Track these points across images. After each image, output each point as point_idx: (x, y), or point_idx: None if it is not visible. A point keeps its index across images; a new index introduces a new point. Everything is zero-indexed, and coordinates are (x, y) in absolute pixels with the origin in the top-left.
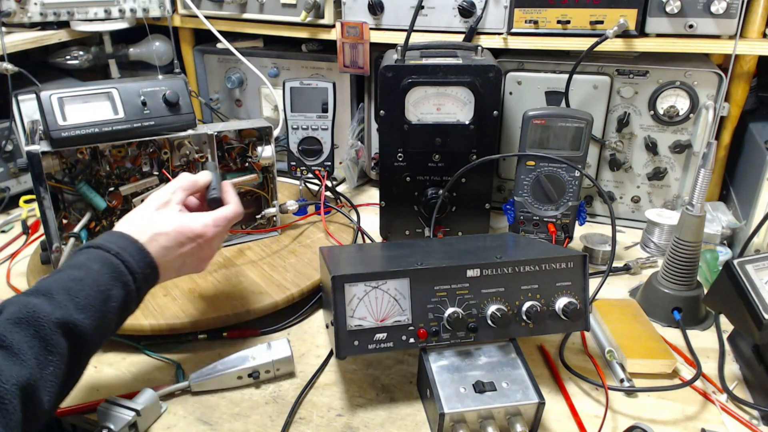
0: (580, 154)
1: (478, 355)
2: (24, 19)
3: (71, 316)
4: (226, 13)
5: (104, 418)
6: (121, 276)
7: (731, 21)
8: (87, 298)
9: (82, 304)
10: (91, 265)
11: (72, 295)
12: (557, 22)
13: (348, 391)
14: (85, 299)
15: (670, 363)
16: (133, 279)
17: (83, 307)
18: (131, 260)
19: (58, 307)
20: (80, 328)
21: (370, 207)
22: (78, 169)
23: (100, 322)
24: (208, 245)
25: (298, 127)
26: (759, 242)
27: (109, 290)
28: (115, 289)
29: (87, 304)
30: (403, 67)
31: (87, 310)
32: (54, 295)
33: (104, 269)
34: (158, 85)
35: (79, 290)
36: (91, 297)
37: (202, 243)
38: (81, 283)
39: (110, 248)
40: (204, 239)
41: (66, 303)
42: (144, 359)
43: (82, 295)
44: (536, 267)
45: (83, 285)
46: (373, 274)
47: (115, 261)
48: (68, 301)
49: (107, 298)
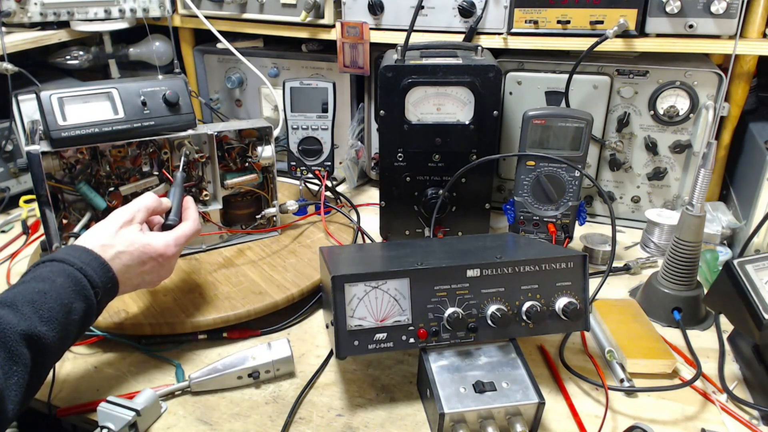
0: (580, 154)
1: (478, 355)
2: (24, 19)
3: (36, 328)
4: (226, 13)
5: (104, 418)
6: (83, 290)
7: (731, 21)
8: (50, 311)
9: (46, 316)
10: (55, 278)
11: (36, 307)
12: (557, 22)
13: (348, 391)
14: (49, 312)
15: (670, 363)
16: (95, 293)
17: (47, 320)
18: (94, 275)
19: (23, 319)
20: (44, 340)
21: (370, 207)
22: (78, 169)
23: (62, 334)
24: (167, 263)
25: (298, 127)
26: (759, 242)
27: (72, 303)
28: (77, 303)
29: (51, 316)
30: (403, 67)
31: (50, 323)
32: (19, 307)
33: (67, 283)
34: (158, 85)
35: (44, 303)
36: (55, 310)
37: (162, 261)
38: (45, 296)
39: (74, 263)
40: (164, 258)
41: (30, 315)
42: (144, 359)
43: (46, 308)
44: (536, 267)
45: (47, 298)
46: (373, 274)
47: (78, 275)
48: (33, 313)
49: (69, 311)
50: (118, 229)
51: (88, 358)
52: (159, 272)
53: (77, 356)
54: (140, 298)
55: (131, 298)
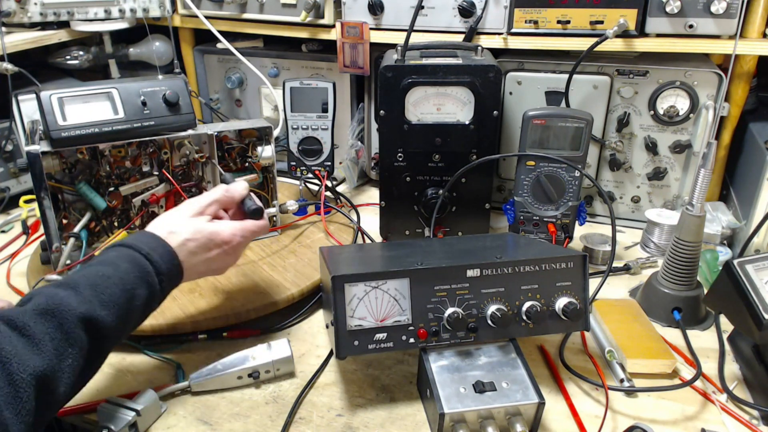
0: (580, 154)
1: (478, 355)
2: (24, 19)
3: (95, 311)
4: (226, 13)
5: (104, 418)
6: (147, 276)
7: (731, 21)
8: (112, 295)
9: (107, 300)
10: (119, 263)
11: (98, 291)
12: (557, 22)
13: (348, 391)
14: (110, 296)
15: (670, 363)
16: (159, 280)
17: (107, 304)
18: (160, 261)
19: (83, 301)
20: (102, 324)
21: (370, 207)
22: (78, 169)
23: (122, 320)
24: (233, 252)
25: (298, 127)
26: (759, 242)
27: (135, 289)
28: (140, 289)
29: (111, 301)
30: (403, 67)
31: (111, 307)
32: (81, 289)
33: (132, 268)
34: (158, 85)
35: (106, 287)
36: (116, 295)
37: (228, 249)
38: (108, 281)
39: (140, 248)
40: (230, 246)
41: (91, 298)
42: (144, 359)
43: (107, 292)
44: (536, 267)
45: (110, 282)
46: (373, 274)
47: (143, 261)
48: (94, 296)
49: (132, 297)
50: (188, 217)
51: None
52: (225, 260)
53: None
54: None
55: None
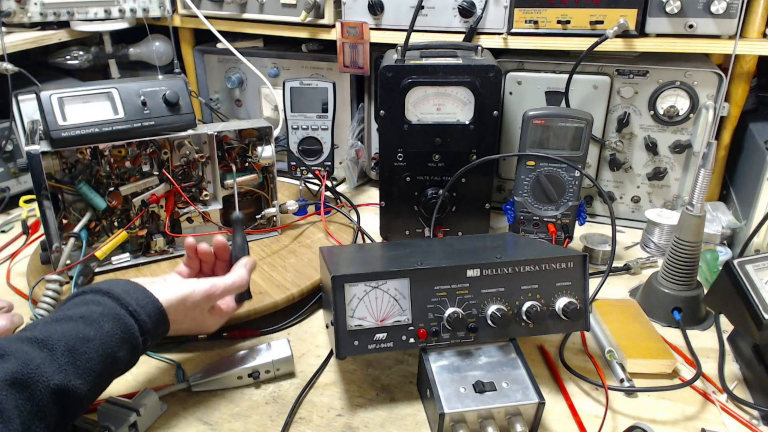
0: (580, 154)
1: (478, 355)
2: (24, 19)
3: (69, 382)
4: (226, 13)
5: (104, 418)
6: (131, 339)
7: (731, 21)
8: (89, 361)
9: (84, 368)
10: (102, 323)
11: (76, 357)
12: (557, 22)
13: (348, 391)
14: (87, 362)
15: (670, 363)
16: (143, 340)
17: (84, 373)
18: (148, 322)
19: (58, 369)
20: (76, 393)
21: (370, 207)
22: (78, 169)
23: (97, 386)
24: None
25: (298, 127)
26: (759, 242)
27: (116, 353)
28: (122, 352)
29: (89, 368)
30: (403, 67)
31: (87, 376)
32: (57, 354)
33: (116, 329)
34: (158, 85)
35: (84, 353)
36: (94, 361)
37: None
38: (88, 344)
39: (129, 304)
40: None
41: (67, 367)
42: (144, 359)
43: (85, 358)
44: (536, 267)
45: (89, 347)
46: (373, 274)
47: (130, 322)
48: (70, 364)
49: (113, 362)
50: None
51: None
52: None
53: None
54: None
55: None
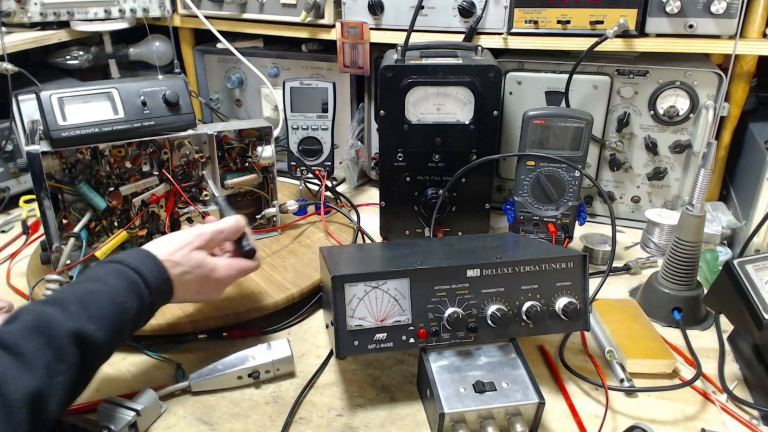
0: (580, 154)
1: (478, 355)
2: (24, 19)
3: (84, 326)
4: (226, 13)
5: (104, 418)
6: (136, 288)
7: (731, 21)
8: (100, 309)
9: (96, 315)
10: (107, 278)
11: (86, 306)
12: (557, 22)
13: (348, 391)
14: (99, 311)
15: (670, 363)
16: (149, 292)
17: (96, 319)
18: (149, 275)
19: (71, 317)
20: (92, 339)
21: (370, 207)
22: (78, 169)
23: (112, 333)
24: (222, 287)
25: (298, 127)
26: (759, 242)
27: (125, 303)
28: (130, 302)
29: (101, 315)
30: (403, 67)
31: (100, 322)
32: (68, 305)
33: (121, 282)
34: (158, 85)
35: (94, 302)
36: (105, 309)
37: (219, 286)
38: (95, 296)
39: (129, 263)
40: (222, 284)
41: (79, 314)
42: (144, 359)
43: (95, 307)
44: (536, 267)
45: (98, 297)
46: (373, 274)
47: (132, 275)
48: (82, 312)
49: (123, 311)
50: (191, 249)
51: None
52: (210, 294)
53: None
54: None
55: None
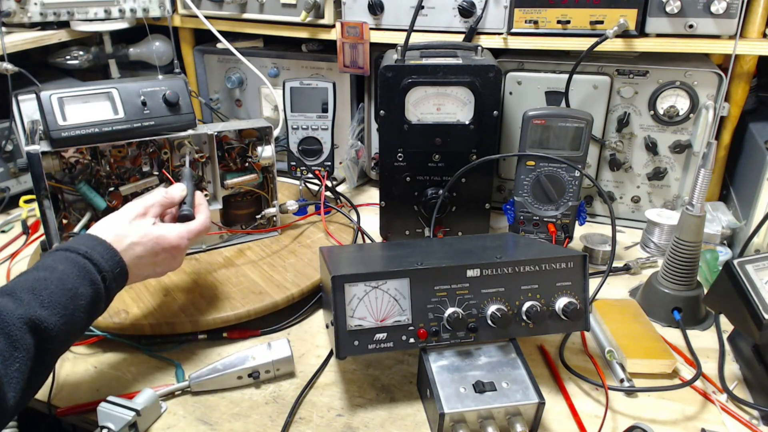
0: (580, 154)
1: (478, 355)
2: (24, 19)
3: (36, 312)
4: (226, 13)
5: (104, 418)
6: (88, 274)
7: (731, 21)
8: (51, 295)
9: (47, 301)
10: (56, 266)
11: (36, 293)
12: (557, 22)
13: (348, 391)
14: (50, 297)
15: (670, 363)
16: (102, 278)
17: (48, 305)
18: (100, 259)
19: (21, 305)
20: (45, 325)
21: (370, 207)
22: (78, 169)
23: (67, 320)
24: (179, 255)
25: (298, 127)
26: (759, 242)
27: (76, 288)
28: (83, 288)
29: (52, 301)
30: (403, 67)
31: (52, 307)
32: (18, 293)
33: (70, 269)
34: (158, 85)
35: (43, 288)
36: (56, 294)
37: (174, 253)
38: (45, 282)
39: (78, 249)
40: (177, 250)
41: (30, 301)
42: (144, 359)
43: (46, 293)
44: (536, 267)
45: (47, 284)
46: (373, 274)
47: (81, 260)
48: (32, 299)
49: (74, 296)
50: (131, 220)
51: (88, 358)
52: (170, 263)
53: (77, 356)
54: (140, 299)
55: (131, 298)
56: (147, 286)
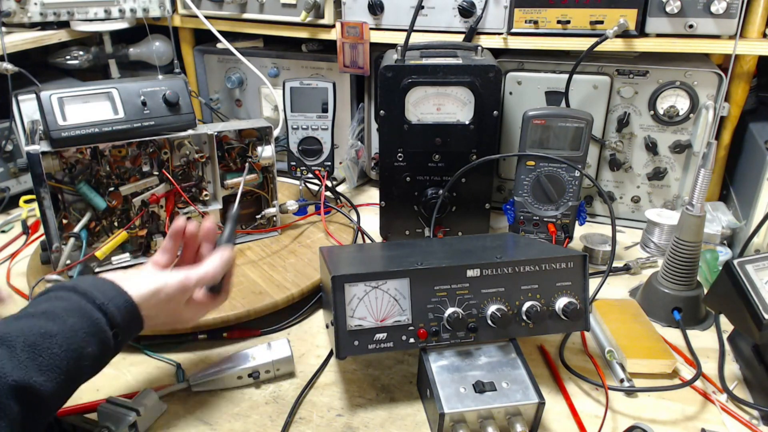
0: (580, 154)
1: (478, 355)
2: (24, 19)
3: (30, 378)
4: (226, 13)
5: (104, 418)
6: (99, 332)
7: (731, 21)
8: (53, 357)
9: (46, 364)
10: (66, 318)
11: (37, 352)
12: (557, 22)
13: (348, 391)
14: (50, 358)
15: (670, 363)
16: (114, 334)
17: (47, 369)
18: (116, 313)
19: (18, 366)
20: (38, 391)
21: (370, 207)
22: (78, 169)
23: (64, 383)
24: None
25: (298, 127)
26: (759, 242)
27: (83, 349)
28: (90, 347)
29: (52, 364)
30: (403, 67)
31: (51, 371)
32: (17, 350)
33: (81, 323)
34: (158, 85)
35: (46, 348)
36: (59, 357)
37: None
38: (50, 340)
39: (95, 297)
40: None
41: (27, 363)
42: (144, 359)
43: (46, 355)
44: (536, 267)
45: (52, 342)
46: (373, 274)
47: (95, 315)
48: (30, 360)
49: (79, 357)
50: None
51: None
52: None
53: None
54: None
55: None
56: None
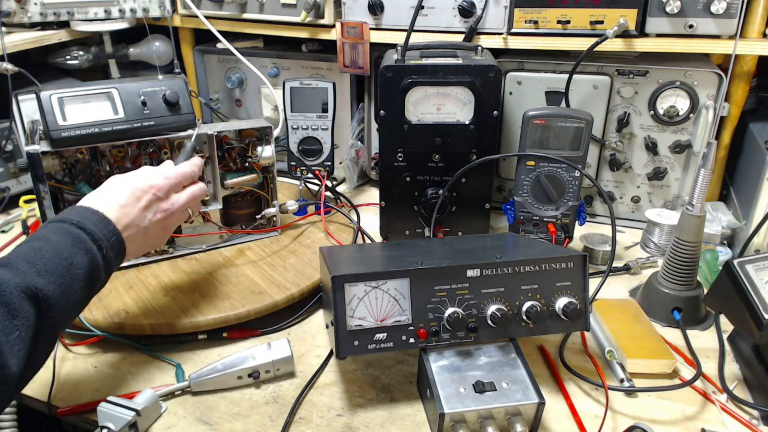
0: (580, 154)
1: (478, 355)
2: (24, 19)
3: (33, 281)
4: (226, 13)
5: (104, 418)
6: (82, 243)
7: (731, 21)
8: (47, 263)
9: (43, 269)
10: (50, 236)
11: (32, 263)
12: (557, 22)
13: (348, 391)
14: (45, 265)
15: (670, 363)
16: (97, 247)
17: (45, 273)
18: (94, 229)
19: (18, 273)
20: (44, 293)
21: (370, 207)
22: (78, 169)
23: (65, 288)
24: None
25: (298, 127)
26: (759, 242)
27: (72, 258)
28: (78, 257)
29: (48, 269)
30: (403, 67)
31: (49, 275)
32: (14, 263)
33: (63, 238)
34: (158, 85)
35: (39, 258)
36: (52, 263)
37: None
38: (40, 252)
39: (71, 219)
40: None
41: (26, 270)
42: (144, 359)
43: (41, 262)
44: (536, 267)
45: (43, 253)
46: (373, 274)
47: (74, 230)
48: (29, 268)
49: (71, 265)
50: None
51: (88, 358)
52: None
53: (77, 356)
54: (140, 298)
55: (131, 298)
56: (147, 286)
